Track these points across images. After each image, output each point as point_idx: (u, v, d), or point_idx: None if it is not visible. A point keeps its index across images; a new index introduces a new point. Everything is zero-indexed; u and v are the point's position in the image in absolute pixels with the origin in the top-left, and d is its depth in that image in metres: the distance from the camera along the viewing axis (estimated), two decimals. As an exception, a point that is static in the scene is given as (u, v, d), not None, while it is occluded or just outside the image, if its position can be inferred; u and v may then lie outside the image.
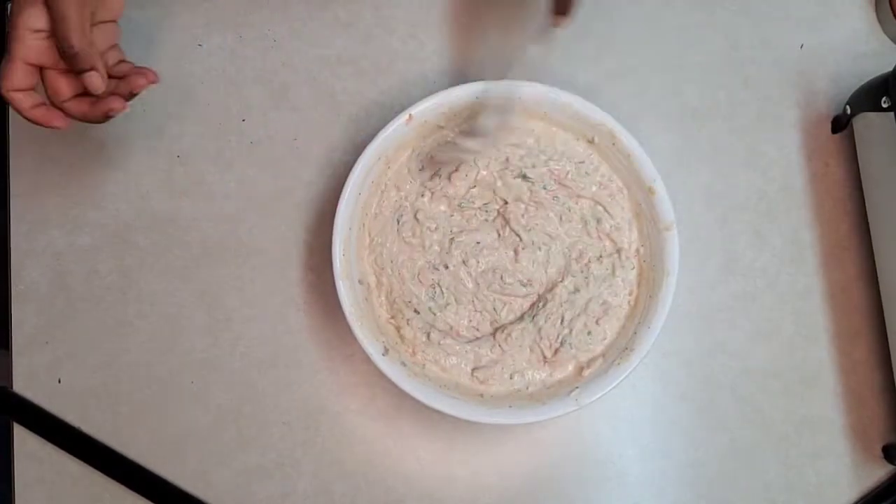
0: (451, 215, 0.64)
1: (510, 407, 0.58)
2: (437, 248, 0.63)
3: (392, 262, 0.63)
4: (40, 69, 0.56)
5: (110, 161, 0.68)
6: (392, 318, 0.62)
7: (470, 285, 0.63)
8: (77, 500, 0.63)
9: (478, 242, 0.63)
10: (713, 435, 0.65)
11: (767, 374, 0.66)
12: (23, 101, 0.55)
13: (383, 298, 0.63)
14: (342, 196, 0.59)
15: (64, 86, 0.56)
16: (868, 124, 0.65)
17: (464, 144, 0.60)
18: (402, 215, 0.63)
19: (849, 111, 0.66)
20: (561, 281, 0.63)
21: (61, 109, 0.56)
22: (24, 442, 0.64)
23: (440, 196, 0.64)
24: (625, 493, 0.64)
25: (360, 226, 0.62)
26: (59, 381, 0.65)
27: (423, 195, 0.64)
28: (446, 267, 0.63)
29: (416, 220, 0.63)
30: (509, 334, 0.62)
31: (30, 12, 0.54)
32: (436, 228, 0.63)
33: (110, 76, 0.58)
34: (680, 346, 0.66)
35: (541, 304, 0.62)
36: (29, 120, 0.56)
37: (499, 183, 0.63)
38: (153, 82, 0.59)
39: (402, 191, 0.64)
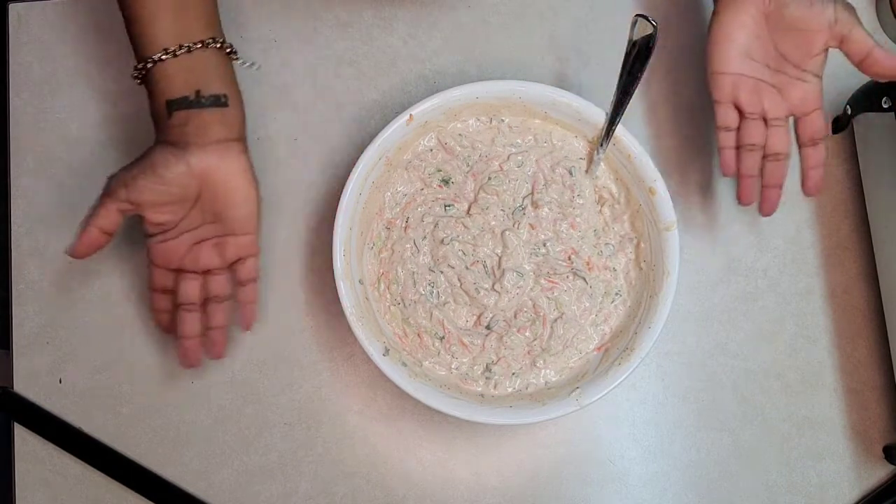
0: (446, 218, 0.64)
1: (510, 407, 0.58)
2: (428, 248, 0.63)
3: (390, 261, 0.63)
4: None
5: (111, 161, 0.68)
6: (392, 317, 0.62)
7: (463, 280, 0.63)
8: (78, 500, 0.63)
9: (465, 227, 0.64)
10: (714, 435, 0.65)
11: (769, 375, 0.66)
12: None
13: (384, 298, 0.63)
14: (343, 196, 0.59)
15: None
16: (868, 125, 0.65)
17: None
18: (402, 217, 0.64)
19: (849, 111, 0.66)
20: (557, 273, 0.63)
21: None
22: (25, 442, 0.64)
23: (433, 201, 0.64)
24: (626, 493, 0.64)
25: (360, 226, 0.62)
26: (60, 382, 0.65)
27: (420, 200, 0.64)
28: (439, 266, 0.63)
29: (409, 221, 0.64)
30: (509, 335, 0.62)
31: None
32: (432, 228, 0.63)
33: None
34: (681, 347, 0.66)
35: (540, 303, 0.62)
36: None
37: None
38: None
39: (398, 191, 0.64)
